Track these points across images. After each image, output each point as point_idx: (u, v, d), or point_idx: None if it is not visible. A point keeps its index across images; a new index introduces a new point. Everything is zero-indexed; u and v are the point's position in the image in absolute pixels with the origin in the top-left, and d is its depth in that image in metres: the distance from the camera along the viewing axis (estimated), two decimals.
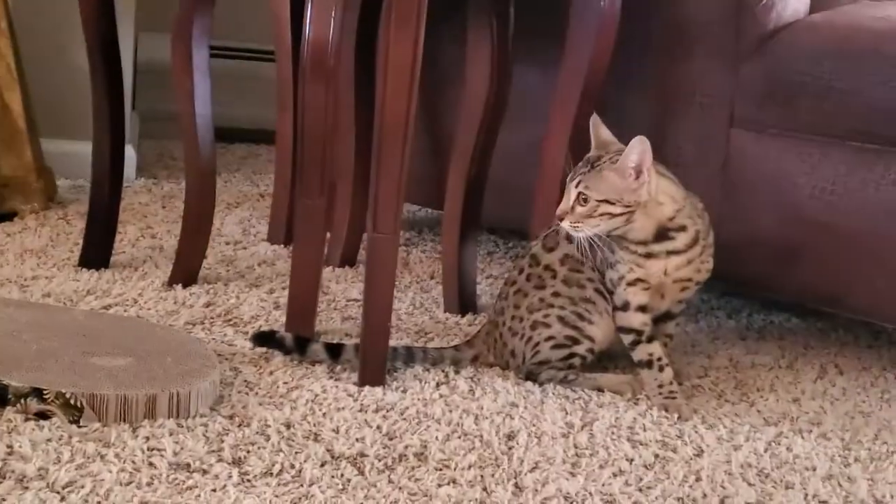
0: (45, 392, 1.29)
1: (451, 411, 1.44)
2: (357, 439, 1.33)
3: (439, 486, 1.24)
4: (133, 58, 2.70)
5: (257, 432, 1.32)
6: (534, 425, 1.42)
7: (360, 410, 1.42)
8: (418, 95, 1.50)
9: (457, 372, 1.58)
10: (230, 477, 1.20)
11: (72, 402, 1.29)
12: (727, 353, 1.78)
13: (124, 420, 1.30)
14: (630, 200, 1.48)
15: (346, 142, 2.04)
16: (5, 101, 2.24)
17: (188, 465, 1.22)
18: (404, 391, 1.49)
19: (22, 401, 1.29)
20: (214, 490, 1.17)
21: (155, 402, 1.31)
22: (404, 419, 1.40)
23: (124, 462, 1.21)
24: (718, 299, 2.08)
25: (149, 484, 1.17)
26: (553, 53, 1.79)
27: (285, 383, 1.48)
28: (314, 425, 1.36)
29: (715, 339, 1.85)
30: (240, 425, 1.34)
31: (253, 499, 1.16)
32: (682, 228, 1.52)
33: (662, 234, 1.51)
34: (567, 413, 1.47)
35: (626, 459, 1.35)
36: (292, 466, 1.25)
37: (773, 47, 1.77)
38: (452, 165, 1.89)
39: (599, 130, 1.55)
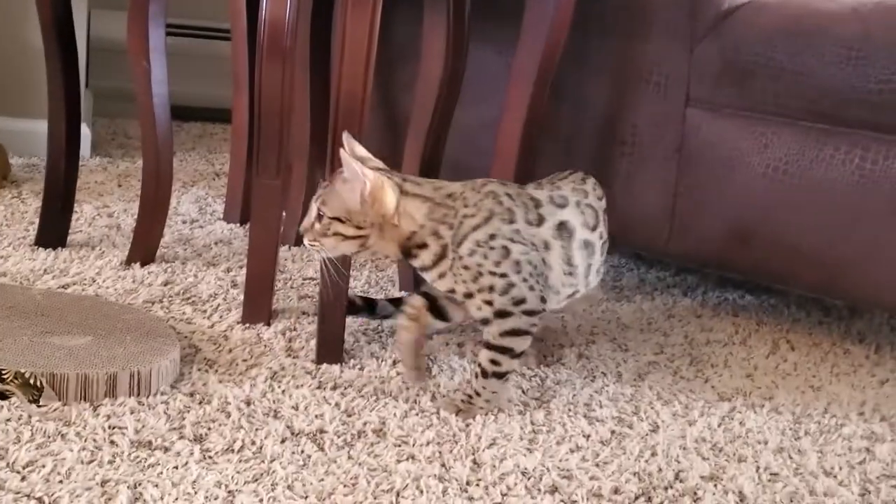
0: (3, 372, 1.28)
1: (408, 389, 1.45)
2: (316, 416, 1.34)
3: (398, 461, 1.25)
4: (86, 35, 2.67)
5: (218, 409, 1.33)
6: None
7: (319, 388, 1.43)
8: (374, 73, 1.50)
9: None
10: (192, 454, 1.21)
11: (31, 381, 1.28)
12: (682, 330, 1.81)
13: (85, 399, 1.30)
14: (360, 221, 1.38)
15: (302, 123, 2.04)
16: None
17: (150, 442, 1.23)
18: (361, 369, 1.50)
19: None
20: (176, 467, 1.18)
21: (115, 381, 1.31)
22: (362, 396, 1.42)
23: (85, 441, 1.21)
24: (674, 277, 2.11)
25: (110, 462, 1.18)
26: (509, 33, 1.80)
27: (244, 361, 1.48)
28: (273, 402, 1.37)
29: (670, 317, 1.88)
30: (200, 403, 1.34)
31: (215, 475, 1.17)
32: (424, 246, 1.40)
33: (407, 253, 1.42)
34: (523, 391, 1.49)
35: (583, 435, 1.38)
36: (253, 443, 1.26)
37: (728, 27, 1.79)
38: (408, 144, 1.90)
39: (354, 148, 1.42)
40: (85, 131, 2.38)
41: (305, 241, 1.41)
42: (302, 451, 1.25)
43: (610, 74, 1.93)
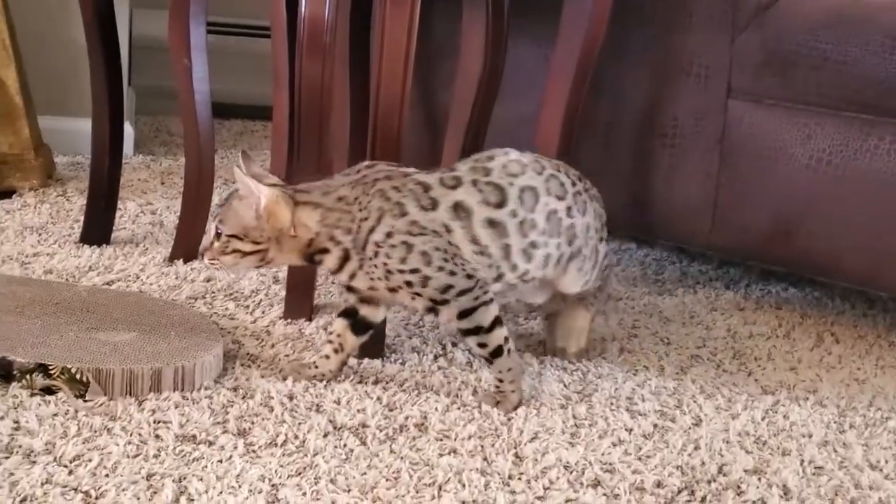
0: (50, 367, 1.30)
1: (449, 383, 1.45)
2: (358, 410, 1.35)
3: (440, 455, 1.26)
4: (128, 34, 2.70)
5: (261, 404, 1.34)
6: (532, 397, 1.44)
7: (360, 382, 1.43)
8: (413, 70, 1.51)
9: (454, 344, 1.59)
10: (235, 448, 1.22)
11: (77, 376, 1.30)
12: (725, 324, 1.80)
13: (130, 394, 1.31)
14: (256, 237, 1.37)
15: (342, 119, 2.05)
16: (1, 79, 2.24)
17: (194, 436, 1.24)
18: (403, 363, 1.51)
19: (27, 377, 1.30)
20: (221, 461, 1.19)
21: (160, 376, 1.33)
22: (404, 391, 1.42)
23: (131, 435, 1.23)
24: (716, 270, 2.10)
25: (156, 456, 1.19)
26: (548, 27, 1.79)
27: (286, 356, 1.49)
28: (316, 397, 1.37)
29: (713, 310, 1.86)
30: (244, 397, 1.35)
31: (259, 469, 1.18)
32: (325, 251, 1.39)
33: (311, 260, 1.40)
34: (565, 385, 1.49)
35: (626, 429, 1.37)
36: (296, 437, 1.26)
37: (770, 17, 1.78)
38: (447, 140, 1.90)
39: (251, 167, 1.40)
40: (128, 129, 2.40)
41: (206, 261, 1.40)
42: (344, 445, 1.26)
43: (650, 66, 1.92)
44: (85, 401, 1.30)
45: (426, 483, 1.19)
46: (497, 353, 1.39)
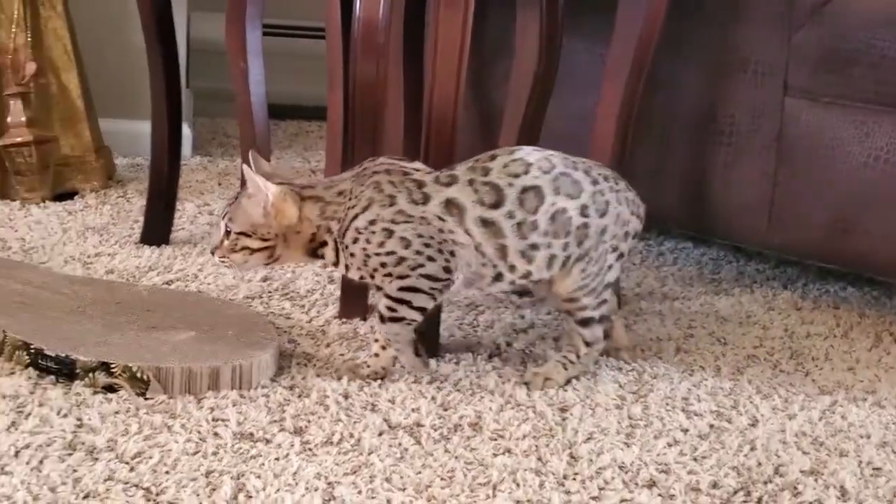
0: (112, 366, 1.33)
1: (504, 382, 1.46)
2: (413, 409, 1.36)
3: (495, 455, 1.26)
4: (186, 37, 2.73)
5: (317, 402, 1.35)
6: (587, 397, 1.44)
7: (415, 381, 1.44)
8: (467, 69, 1.51)
9: (509, 344, 1.59)
10: (292, 446, 1.24)
11: (138, 375, 1.32)
12: (782, 323, 1.78)
13: (189, 392, 1.33)
14: (264, 234, 1.40)
15: (396, 119, 2.06)
16: (63, 83, 2.29)
17: (252, 434, 1.26)
18: (457, 363, 1.51)
19: (90, 375, 1.33)
20: (277, 459, 1.21)
21: (218, 375, 1.35)
22: (458, 390, 1.43)
23: (190, 432, 1.25)
24: (773, 269, 2.08)
25: (214, 453, 1.21)
26: (603, 25, 1.79)
27: (341, 355, 1.51)
28: (371, 396, 1.38)
29: (770, 310, 1.85)
30: (300, 396, 1.37)
31: (315, 467, 1.19)
32: (325, 244, 1.42)
33: (315, 255, 1.43)
34: (620, 385, 1.49)
35: (681, 430, 1.36)
36: (351, 435, 1.28)
37: (827, 15, 1.76)
38: (501, 139, 1.90)
39: (259, 164, 1.43)
40: (186, 131, 2.43)
41: (216, 259, 1.43)
42: (399, 444, 1.27)
43: (706, 64, 1.91)
44: (146, 399, 1.32)
45: (480, 482, 1.20)
46: (398, 320, 1.41)
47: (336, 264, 1.43)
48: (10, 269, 1.64)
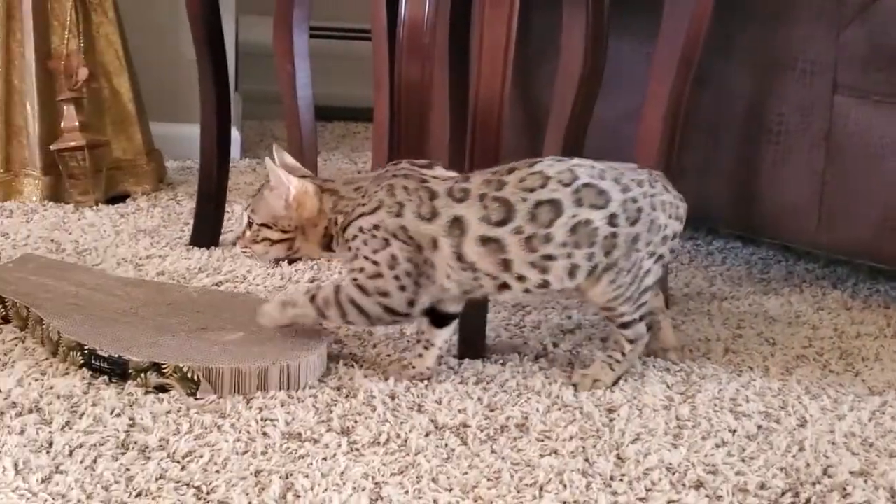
0: (163, 366, 1.35)
1: (550, 384, 1.46)
2: (459, 410, 1.36)
3: (542, 456, 1.26)
4: (235, 40, 2.76)
5: (364, 403, 1.36)
6: (635, 398, 1.43)
7: (461, 382, 1.45)
8: (513, 69, 1.51)
9: (555, 345, 1.59)
10: (339, 446, 1.25)
11: (189, 375, 1.34)
12: (832, 323, 1.76)
13: (238, 392, 1.35)
14: (285, 226, 1.44)
15: (442, 120, 2.07)
16: (115, 87, 2.32)
17: (300, 434, 1.27)
18: (503, 364, 1.52)
19: (142, 375, 1.35)
20: (325, 458, 1.22)
21: (267, 375, 1.36)
22: (504, 391, 1.43)
23: (240, 432, 1.26)
24: (823, 268, 2.06)
25: (263, 453, 1.22)
26: (650, 23, 1.78)
27: (388, 356, 1.51)
28: (417, 397, 1.39)
29: (819, 310, 1.83)
30: (347, 396, 1.38)
31: (362, 467, 1.20)
32: (333, 237, 1.45)
33: (328, 248, 1.46)
34: (668, 386, 1.48)
35: (729, 430, 1.36)
36: (398, 436, 1.28)
37: (875, 12, 1.74)
38: (548, 138, 1.90)
39: (284, 158, 1.47)
40: (235, 134, 2.47)
41: (238, 249, 1.48)
42: (446, 445, 1.27)
43: (754, 62, 1.90)
44: (196, 399, 1.34)
45: (527, 483, 1.20)
46: (323, 315, 1.42)
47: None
48: (64, 272, 1.67)
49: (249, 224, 1.46)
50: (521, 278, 1.39)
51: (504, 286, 1.40)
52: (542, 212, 1.36)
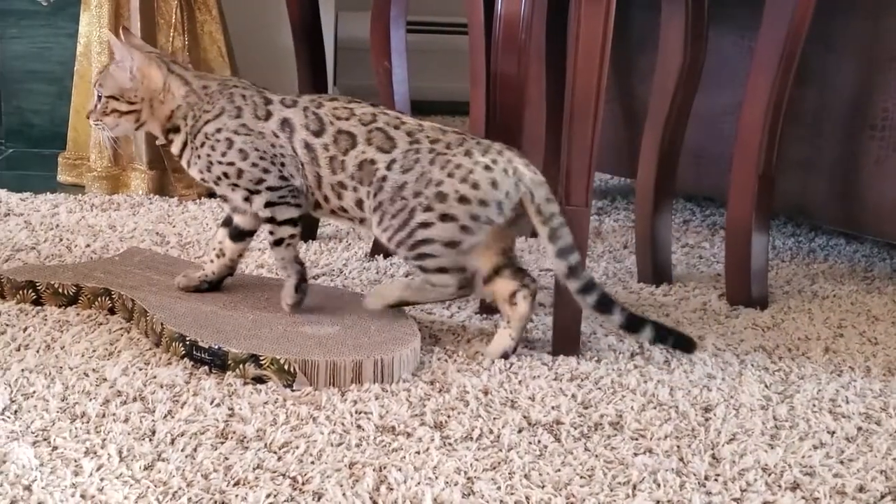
0: (261, 358, 1.37)
1: (645, 382, 1.45)
2: (553, 407, 1.36)
3: (635, 454, 1.25)
4: (333, 35, 2.80)
5: (457, 398, 1.37)
6: (731, 397, 1.41)
7: (555, 379, 1.44)
8: (611, 64, 1.50)
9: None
10: (432, 440, 1.26)
11: (286, 367, 1.37)
12: None
13: (333, 384, 1.37)
14: (131, 97, 1.53)
15: (538, 114, 2.06)
16: None
17: (393, 427, 1.28)
18: (598, 361, 1.51)
19: (240, 366, 1.38)
20: (418, 452, 1.23)
21: (361, 368, 1.38)
22: (599, 388, 1.42)
23: (335, 424, 1.28)
24: None
25: (357, 445, 1.24)
26: (750, 17, 1.75)
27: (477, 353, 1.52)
28: (511, 392, 1.39)
29: None
30: (440, 391, 1.39)
31: (454, 462, 1.21)
32: (177, 130, 1.55)
33: (167, 137, 1.57)
34: (766, 386, 1.46)
35: (828, 432, 1.33)
36: (491, 432, 1.29)
37: None
38: (646, 133, 1.88)
39: (131, 39, 1.58)
40: None
41: (91, 122, 1.57)
42: (539, 442, 1.27)
43: (857, 56, 1.85)
44: (292, 390, 1.36)
45: (620, 482, 1.19)
46: (278, 242, 1.54)
47: (179, 157, 1.57)
48: (169, 265, 1.72)
49: (98, 98, 1.55)
50: (326, 199, 1.53)
51: (317, 205, 1.54)
52: (342, 140, 1.51)
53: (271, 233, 1.54)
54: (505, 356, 1.50)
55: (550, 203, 1.45)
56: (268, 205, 1.53)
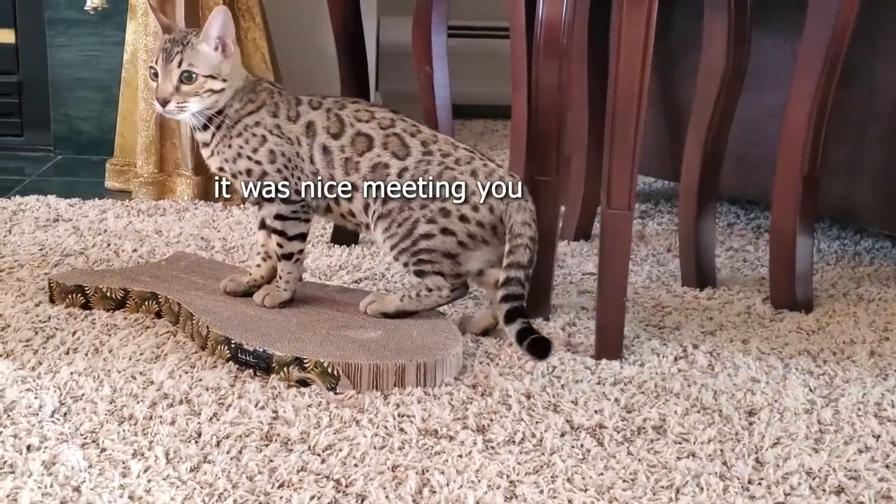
0: (305, 361, 1.39)
1: (689, 386, 1.44)
2: (595, 411, 1.36)
3: (678, 458, 1.25)
4: (376, 41, 2.81)
5: (499, 402, 1.37)
6: (776, 401, 1.40)
7: (598, 383, 1.44)
8: (653, 66, 1.50)
9: (695, 346, 1.57)
10: (475, 444, 1.26)
11: (329, 370, 1.38)
12: None
13: (376, 388, 1.38)
14: (225, 74, 1.51)
15: (580, 116, 2.06)
16: None
17: (436, 431, 1.29)
18: (641, 365, 1.51)
19: (285, 369, 1.39)
20: (461, 456, 1.23)
21: (404, 372, 1.39)
22: (642, 392, 1.42)
23: (377, 427, 1.29)
24: None
25: (400, 448, 1.25)
26: (794, 18, 1.74)
27: (514, 352, 1.52)
28: (553, 396, 1.40)
29: None
30: (482, 395, 1.39)
31: (497, 465, 1.21)
32: (220, 114, 1.53)
33: (209, 118, 1.53)
34: (810, 389, 1.45)
35: (873, 436, 1.32)
36: (533, 435, 1.29)
37: None
38: (689, 136, 1.87)
39: (159, 17, 1.56)
40: None
41: (171, 106, 1.49)
42: (581, 445, 1.27)
43: None
44: (336, 393, 1.37)
45: (663, 486, 1.19)
46: (288, 257, 1.56)
47: (207, 145, 1.56)
48: (214, 270, 1.74)
49: (188, 78, 1.48)
50: (337, 201, 1.55)
51: (328, 209, 1.57)
52: (360, 141, 1.54)
53: (280, 246, 1.56)
54: (485, 333, 1.58)
55: (525, 227, 1.52)
56: (279, 218, 1.55)
